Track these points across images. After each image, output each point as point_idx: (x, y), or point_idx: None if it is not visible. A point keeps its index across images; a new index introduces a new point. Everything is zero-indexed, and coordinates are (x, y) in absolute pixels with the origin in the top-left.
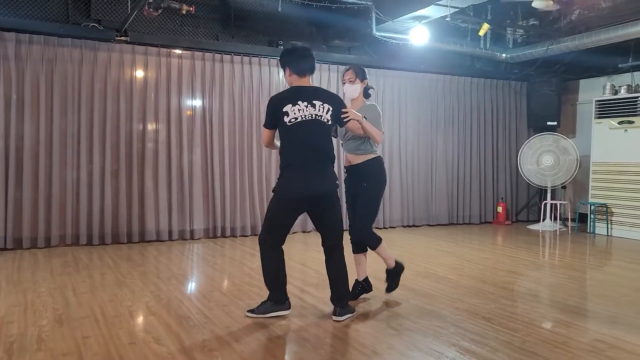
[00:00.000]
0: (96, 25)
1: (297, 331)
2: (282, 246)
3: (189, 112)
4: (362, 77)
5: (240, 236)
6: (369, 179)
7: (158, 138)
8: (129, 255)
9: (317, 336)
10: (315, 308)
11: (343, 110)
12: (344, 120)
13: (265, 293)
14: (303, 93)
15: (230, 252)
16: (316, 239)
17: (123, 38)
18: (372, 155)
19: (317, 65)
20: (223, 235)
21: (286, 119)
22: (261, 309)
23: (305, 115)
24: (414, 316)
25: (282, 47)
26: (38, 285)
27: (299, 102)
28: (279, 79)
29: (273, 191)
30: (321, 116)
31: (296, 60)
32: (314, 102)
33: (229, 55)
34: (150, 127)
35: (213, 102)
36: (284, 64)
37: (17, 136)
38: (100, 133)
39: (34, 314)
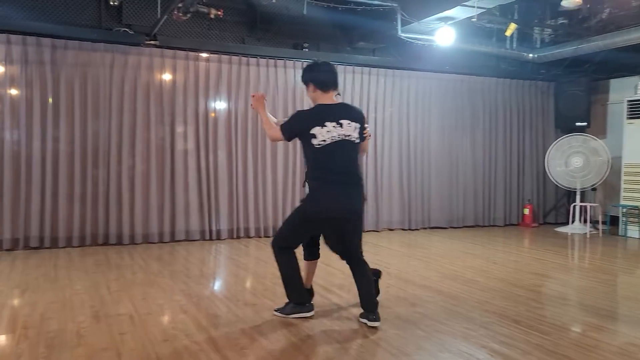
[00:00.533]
0: (127, 29)
1: (325, 331)
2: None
3: (212, 114)
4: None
5: (264, 237)
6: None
7: (186, 140)
8: (159, 255)
9: (346, 336)
10: (340, 308)
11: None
12: (364, 136)
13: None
14: (330, 112)
15: (256, 252)
16: None
17: (152, 42)
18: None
19: (341, 68)
20: (247, 236)
21: (314, 142)
22: (285, 309)
23: (334, 137)
24: (442, 318)
25: (306, 49)
26: (74, 283)
27: (327, 123)
28: None
29: (302, 201)
30: (349, 135)
31: (320, 75)
32: (341, 121)
33: (254, 59)
34: (179, 129)
35: (238, 104)
36: (307, 80)
37: (53, 138)
38: (131, 135)
39: (71, 311)
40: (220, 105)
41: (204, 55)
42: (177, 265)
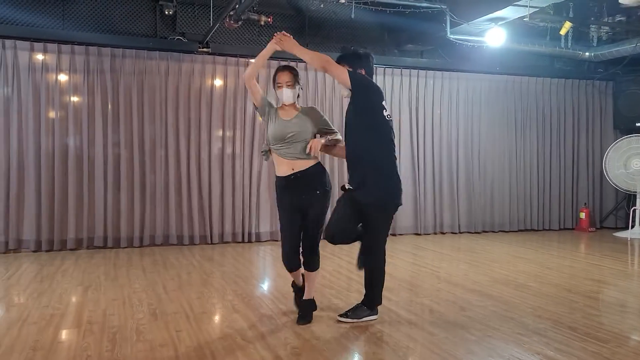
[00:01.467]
0: (181, 38)
1: (375, 333)
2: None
3: (260, 119)
4: (298, 80)
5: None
6: (322, 186)
7: (234, 143)
8: (210, 256)
9: (396, 339)
10: (390, 311)
11: None
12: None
13: (343, 295)
14: None
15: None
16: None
17: (205, 49)
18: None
19: (389, 70)
20: None
21: (385, 113)
22: (359, 313)
23: (389, 115)
24: (493, 323)
25: None
26: (132, 281)
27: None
28: None
29: (345, 189)
30: (391, 119)
31: (368, 62)
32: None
33: (303, 63)
34: (228, 133)
35: None
36: (359, 66)
37: (113, 143)
38: (185, 139)
39: (131, 308)
40: None
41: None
42: (229, 266)
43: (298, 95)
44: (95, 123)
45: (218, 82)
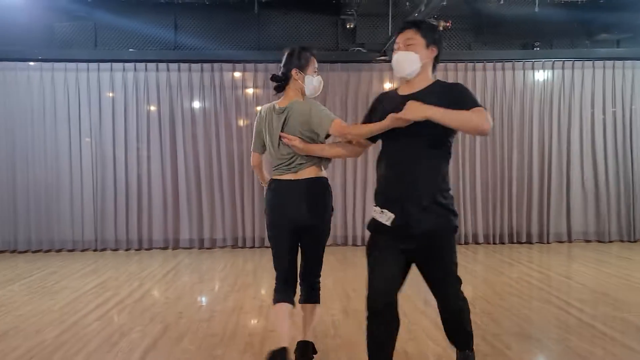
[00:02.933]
0: (360, 48)
1: (570, 347)
2: None
3: None
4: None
5: (492, 243)
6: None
7: None
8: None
9: (599, 356)
10: (581, 322)
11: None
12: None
13: (531, 306)
14: None
15: (486, 259)
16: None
17: (383, 58)
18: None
19: (578, 64)
20: (466, 242)
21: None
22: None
23: None
24: None
25: (537, 48)
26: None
27: None
28: (534, 81)
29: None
30: None
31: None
32: None
33: (480, 63)
34: None
35: None
36: (439, 43)
37: None
38: None
39: (324, 303)
40: None
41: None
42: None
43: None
44: None
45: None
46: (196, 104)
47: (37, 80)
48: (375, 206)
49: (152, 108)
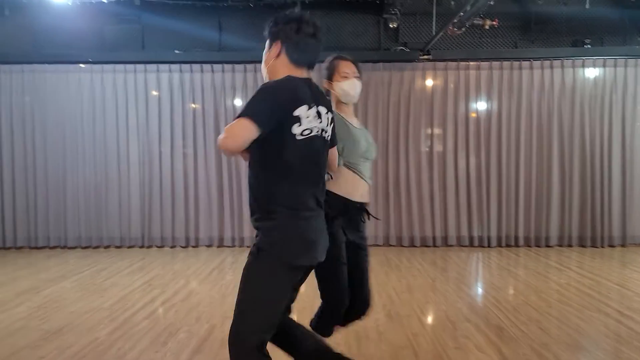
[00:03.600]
0: (403, 48)
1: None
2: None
3: (473, 114)
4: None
5: (535, 246)
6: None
7: (457, 143)
8: (432, 259)
9: None
10: (634, 332)
11: None
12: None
13: (567, 319)
14: (308, 91)
15: (529, 263)
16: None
17: (425, 57)
18: None
19: (632, 62)
20: (516, 245)
21: (297, 130)
22: None
23: (315, 129)
24: None
25: (589, 46)
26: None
27: (313, 106)
28: (584, 79)
29: (257, 252)
30: (327, 133)
31: (304, 39)
32: (319, 108)
33: (527, 62)
34: (448, 132)
35: (511, 108)
36: (277, 37)
37: None
38: (404, 143)
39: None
40: (491, 109)
41: (475, 63)
42: (452, 271)
43: None
44: None
45: (439, 87)
46: (238, 102)
47: (88, 81)
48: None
49: (197, 107)
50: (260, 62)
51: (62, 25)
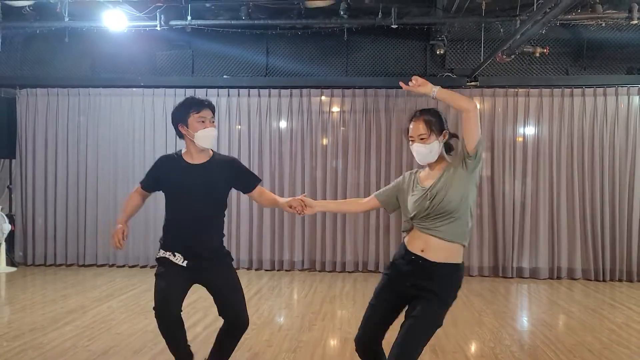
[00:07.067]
0: (450, 74)
1: None
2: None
3: (521, 139)
4: (441, 127)
5: (583, 279)
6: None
7: (504, 168)
8: (479, 291)
9: None
10: None
11: None
12: None
13: None
14: None
15: (582, 298)
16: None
17: (473, 83)
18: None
19: None
20: (559, 277)
21: None
22: None
23: None
24: None
25: None
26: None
27: None
28: (639, 107)
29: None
30: None
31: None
32: None
33: (579, 89)
34: (497, 157)
35: (562, 136)
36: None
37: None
38: None
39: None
40: (540, 136)
41: (525, 90)
42: (499, 304)
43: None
44: (369, 154)
45: (487, 114)
46: (283, 125)
47: (139, 105)
48: None
49: (243, 129)
50: (305, 87)
51: (118, 52)
